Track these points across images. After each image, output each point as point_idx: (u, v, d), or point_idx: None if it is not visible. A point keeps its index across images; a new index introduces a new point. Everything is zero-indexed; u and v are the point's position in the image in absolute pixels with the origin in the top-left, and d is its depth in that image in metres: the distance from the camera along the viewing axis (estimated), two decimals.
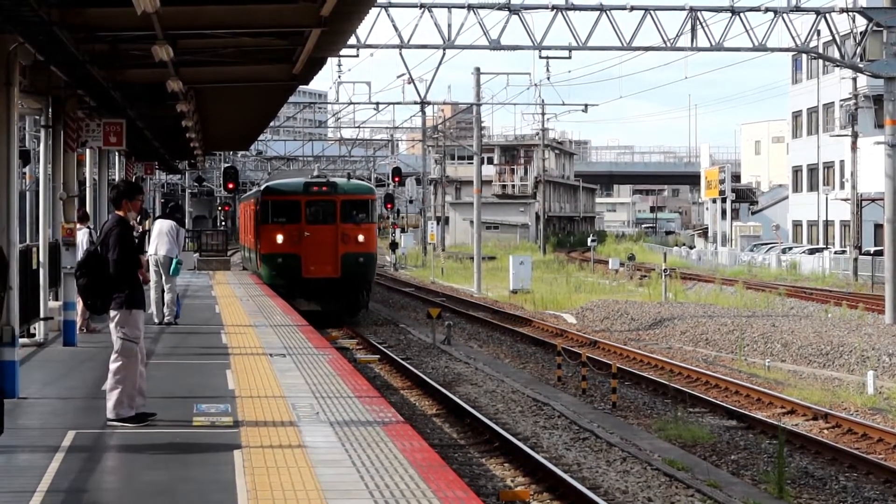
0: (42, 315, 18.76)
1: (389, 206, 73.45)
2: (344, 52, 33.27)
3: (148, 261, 21.80)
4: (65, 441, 10.69)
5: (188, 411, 12.20)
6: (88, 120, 23.35)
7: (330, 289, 35.04)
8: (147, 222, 37.14)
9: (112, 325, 11.75)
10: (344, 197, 35.86)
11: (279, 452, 10.21)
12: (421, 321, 37.31)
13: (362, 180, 42.47)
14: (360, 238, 35.53)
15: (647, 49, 36.54)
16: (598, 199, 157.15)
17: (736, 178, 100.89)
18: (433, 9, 34.88)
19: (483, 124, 66.28)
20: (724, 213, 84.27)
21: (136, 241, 12.15)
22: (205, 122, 34.37)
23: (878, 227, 58.50)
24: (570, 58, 37.17)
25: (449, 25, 35.56)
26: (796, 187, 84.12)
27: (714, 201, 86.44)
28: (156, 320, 21.71)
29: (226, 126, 38.01)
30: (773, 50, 37.19)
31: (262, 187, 38.53)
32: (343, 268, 35.20)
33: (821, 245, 73.07)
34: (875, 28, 36.96)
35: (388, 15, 34.35)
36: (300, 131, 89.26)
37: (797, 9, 35.81)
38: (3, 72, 14.58)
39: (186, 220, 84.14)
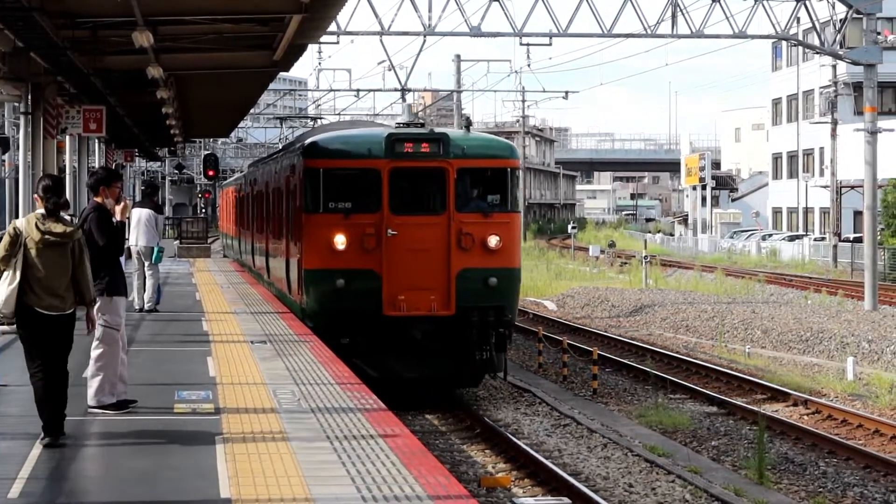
0: None
1: None
2: (324, 38, 33.17)
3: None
4: None
5: (169, 398, 12.18)
6: (68, 107, 23.29)
7: (434, 338, 19.59)
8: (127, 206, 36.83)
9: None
10: (463, 162, 19.88)
11: (260, 439, 10.20)
12: None
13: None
14: (492, 241, 19.76)
15: (627, 36, 36.53)
16: (578, 186, 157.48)
17: (716, 165, 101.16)
18: None
19: (464, 111, 66.16)
20: (704, 199, 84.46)
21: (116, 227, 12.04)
22: (185, 109, 34.30)
23: (858, 214, 58.73)
24: (550, 45, 37.27)
25: (430, 12, 35.49)
26: (776, 174, 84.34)
27: (694, 188, 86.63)
28: (136, 307, 21.66)
29: (206, 113, 37.94)
30: (753, 37, 37.20)
31: (303, 144, 21.56)
32: (460, 297, 19.61)
33: (800, 232, 73.30)
34: (855, 15, 37.05)
35: (369, 1, 34.23)
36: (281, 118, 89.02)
37: None
38: None
39: (166, 208, 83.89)
